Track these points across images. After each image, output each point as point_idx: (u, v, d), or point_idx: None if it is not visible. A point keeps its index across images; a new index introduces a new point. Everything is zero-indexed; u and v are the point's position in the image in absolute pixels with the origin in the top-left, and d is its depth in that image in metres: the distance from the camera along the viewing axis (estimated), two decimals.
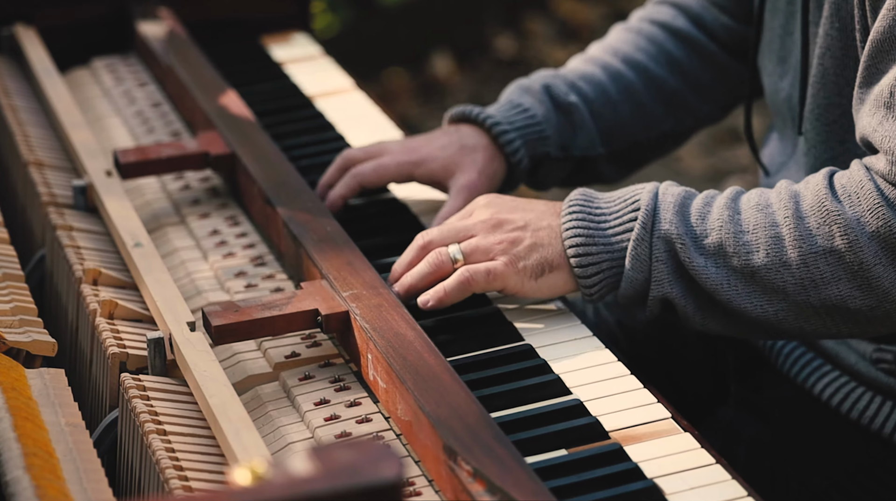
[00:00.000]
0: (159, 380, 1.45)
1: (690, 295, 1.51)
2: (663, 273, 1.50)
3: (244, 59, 2.24)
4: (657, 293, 1.51)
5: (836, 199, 1.46)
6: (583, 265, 1.52)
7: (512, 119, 1.78)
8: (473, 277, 1.52)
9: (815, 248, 1.45)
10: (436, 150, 1.75)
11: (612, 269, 1.52)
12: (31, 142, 1.93)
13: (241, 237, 1.77)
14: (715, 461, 1.33)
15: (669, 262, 1.50)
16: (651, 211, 1.51)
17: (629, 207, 1.52)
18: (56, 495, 1.22)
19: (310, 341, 1.54)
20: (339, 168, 1.78)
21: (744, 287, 1.48)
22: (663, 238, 1.50)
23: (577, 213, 1.53)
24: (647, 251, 1.50)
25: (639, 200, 1.52)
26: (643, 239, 1.50)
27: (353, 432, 1.40)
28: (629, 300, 1.54)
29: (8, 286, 1.58)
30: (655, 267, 1.50)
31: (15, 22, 2.25)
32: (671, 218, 1.50)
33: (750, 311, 1.49)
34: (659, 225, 1.50)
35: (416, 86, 4.68)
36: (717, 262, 1.49)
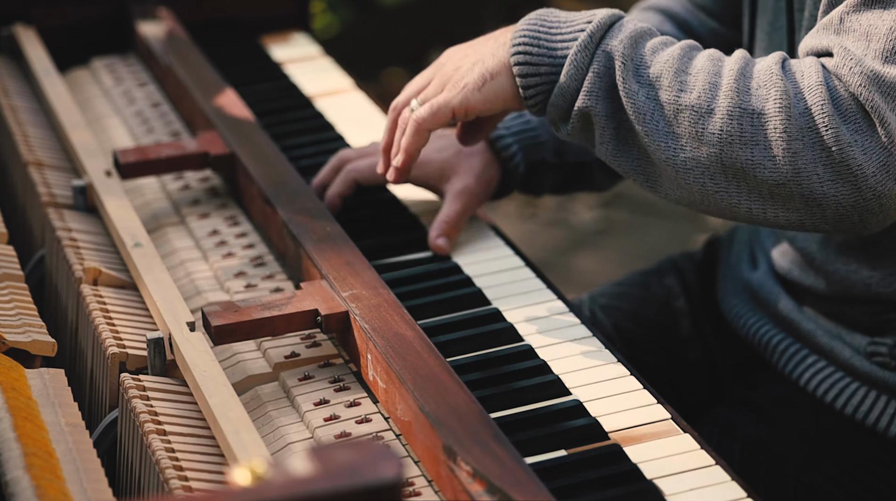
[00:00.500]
0: (159, 380, 1.45)
1: (612, 120, 1.50)
2: (595, 86, 1.49)
3: (244, 59, 2.24)
4: (583, 104, 1.49)
5: (783, 70, 1.45)
6: (524, 74, 1.52)
7: (508, 124, 1.78)
8: (420, 116, 1.57)
9: (746, 105, 1.44)
10: (432, 153, 1.75)
11: (550, 76, 1.52)
12: (30, 142, 1.93)
13: (241, 237, 1.77)
14: (714, 462, 1.33)
15: (605, 78, 1.49)
16: (604, 25, 1.50)
17: (584, 18, 1.52)
18: (56, 495, 1.22)
19: (309, 341, 1.54)
20: (334, 168, 1.78)
21: (664, 125, 1.47)
22: (607, 53, 1.49)
23: (531, 22, 1.54)
24: (587, 60, 1.50)
25: (595, 15, 1.52)
26: (587, 47, 1.50)
27: (353, 432, 1.40)
28: (557, 111, 1.52)
29: (8, 286, 1.58)
30: (589, 78, 1.49)
31: (14, 22, 2.24)
32: (623, 38, 1.49)
33: (662, 151, 1.48)
34: (607, 40, 1.50)
35: None
36: (648, 93, 1.48)
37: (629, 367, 1.48)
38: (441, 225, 1.70)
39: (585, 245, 3.84)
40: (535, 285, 1.64)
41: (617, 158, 1.51)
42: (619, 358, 1.49)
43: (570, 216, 3.96)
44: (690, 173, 1.47)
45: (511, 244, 1.73)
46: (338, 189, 1.75)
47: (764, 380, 1.76)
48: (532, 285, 1.64)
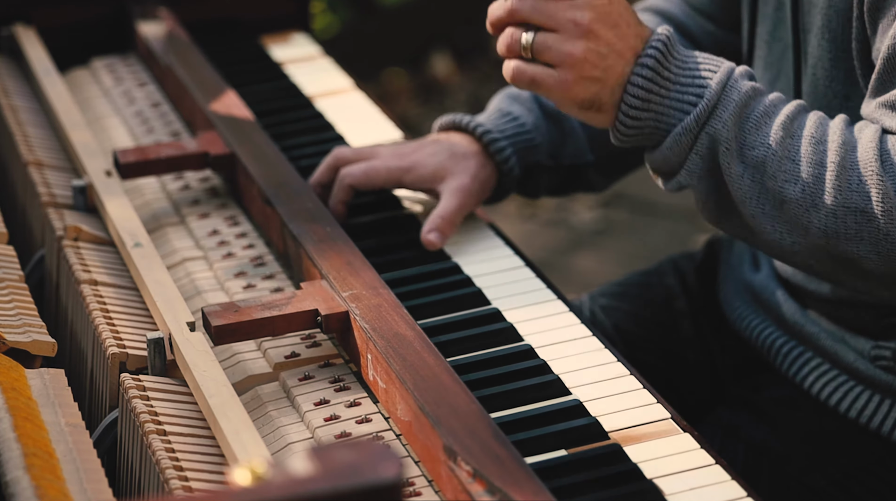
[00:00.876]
0: (159, 380, 1.45)
1: (715, 194, 1.51)
2: (697, 166, 1.50)
3: (244, 59, 2.24)
4: (684, 181, 1.51)
5: (883, 165, 1.45)
6: (628, 125, 1.51)
7: (502, 128, 1.78)
8: (520, 76, 1.52)
9: (850, 203, 1.45)
10: (426, 157, 1.75)
11: (651, 135, 1.52)
12: (30, 142, 1.93)
13: (241, 237, 1.77)
14: (714, 461, 1.33)
15: (707, 159, 1.49)
16: (711, 106, 1.48)
17: (695, 89, 1.50)
18: (56, 495, 1.22)
19: (309, 341, 1.54)
20: (330, 166, 1.78)
21: (770, 209, 1.48)
22: (712, 135, 1.48)
23: (649, 70, 1.49)
24: (690, 141, 1.49)
25: (706, 87, 1.49)
26: (691, 129, 1.49)
27: (353, 432, 1.40)
28: (655, 166, 1.53)
29: (7, 286, 1.58)
30: (692, 159, 1.50)
31: (14, 22, 2.24)
32: (727, 118, 1.48)
33: (768, 233, 1.49)
34: (713, 121, 1.48)
35: (416, 87, 4.68)
36: (753, 176, 1.47)
37: (629, 367, 1.48)
38: (435, 219, 1.70)
39: (585, 245, 3.84)
40: (534, 285, 1.64)
41: (720, 223, 1.54)
42: (618, 358, 1.49)
43: (569, 216, 3.96)
44: (797, 255, 1.50)
45: (511, 244, 1.73)
46: (339, 196, 1.75)
47: (766, 382, 1.76)
48: (532, 285, 1.64)
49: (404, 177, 1.75)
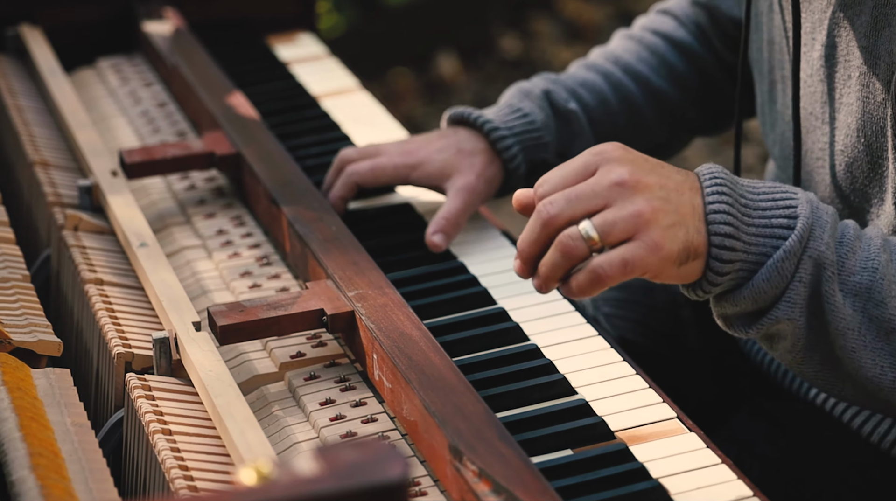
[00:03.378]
0: (164, 380, 1.45)
1: (808, 330, 1.34)
2: (800, 296, 1.32)
3: (249, 59, 2.24)
4: (783, 315, 1.32)
5: None
6: (723, 260, 1.30)
7: (511, 124, 1.77)
8: (608, 273, 1.27)
9: None
10: (433, 153, 1.75)
11: (740, 272, 1.32)
12: (36, 142, 1.93)
13: (247, 237, 1.77)
14: (721, 460, 1.33)
15: (811, 287, 1.32)
16: (810, 225, 1.32)
17: (782, 210, 1.33)
18: (61, 495, 1.22)
19: (315, 341, 1.54)
20: (336, 168, 1.78)
21: (873, 339, 1.34)
22: (816, 260, 1.32)
23: (724, 195, 1.31)
24: (791, 268, 1.31)
25: (795, 206, 1.32)
26: (794, 253, 1.31)
27: (359, 432, 1.40)
28: (741, 312, 1.34)
29: (13, 286, 1.58)
30: (794, 287, 1.31)
31: (20, 22, 2.25)
32: (828, 240, 1.32)
33: (867, 368, 1.35)
34: (815, 243, 1.32)
35: (422, 86, 4.68)
36: (855, 304, 1.33)
37: (635, 366, 1.48)
38: (439, 221, 1.70)
39: None
40: None
41: (803, 364, 1.38)
42: (624, 357, 1.49)
43: None
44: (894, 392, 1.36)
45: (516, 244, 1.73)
46: (339, 192, 1.75)
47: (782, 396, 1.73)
48: None
49: (411, 174, 1.74)
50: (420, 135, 1.81)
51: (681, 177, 1.32)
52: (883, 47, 1.47)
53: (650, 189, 1.29)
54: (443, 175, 1.74)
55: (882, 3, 1.46)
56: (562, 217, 1.28)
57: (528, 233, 1.30)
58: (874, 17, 1.47)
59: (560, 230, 1.28)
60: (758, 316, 1.34)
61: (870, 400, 1.39)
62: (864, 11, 1.49)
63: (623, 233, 1.27)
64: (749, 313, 1.34)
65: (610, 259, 1.27)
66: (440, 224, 1.70)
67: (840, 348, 1.34)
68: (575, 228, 1.28)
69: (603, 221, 1.27)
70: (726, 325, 1.36)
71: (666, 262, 1.28)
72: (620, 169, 1.30)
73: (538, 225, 1.29)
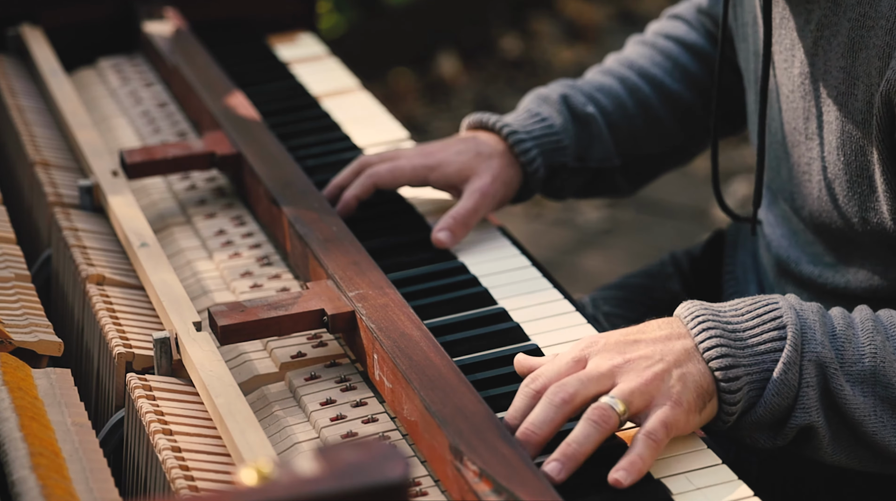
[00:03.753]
0: (165, 380, 1.45)
1: (829, 425, 1.38)
2: (812, 399, 1.36)
3: (250, 59, 2.24)
4: (802, 421, 1.36)
5: None
6: (731, 390, 1.35)
7: (529, 128, 1.78)
8: (660, 437, 1.31)
9: None
10: (451, 156, 1.75)
11: (749, 393, 1.36)
12: (37, 142, 1.93)
13: (247, 237, 1.77)
14: (721, 461, 1.33)
15: (818, 388, 1.36)
16: (800, 330, 1.36)
17: (769, 324, 1.37)
18: (62, 495, 1.22)
19: (316, 341, 1.54)
20: (355, 171, 1.78)
21: (889, 418, 1.37)
22: (815, 362, 1.36)
23: (711, 330, 1.36)
24: (796, 376, 1.35)
25: (780, 316, 1.37)
26: (793, 362, 1.35)
27: (359, 432, 1.40)
28: (760, 427, 1.38)
29: (14, 286, 1.58)
30: (805, 392, 1.35)
31: (21, 22, 2.25)
32: (821, 339, 1.36)
33: (893, 445, 1.38)
34: (810, 346, 1.36)
35: (422, 87, 4.68)
36: (864, 390, 1.37)
37: None
38: (447, 219, 1.71)
39: (592, 244, 3.84)
40: (541, 285, 1.64)
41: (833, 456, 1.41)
42: None
43: (576, 215, 3.96)
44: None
45: (517, 243, 1.73)
46: (355, 191, 1.75)
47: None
48: (538, 285, 1.64)
49: (429, 175, 1.75)
50: (439, 140, 1.81)
51: (664, 330, 1.38)
52: (861, 68, 1.48)
53: (644, 358, 1.35)
54: (460, 177, 1.74)
55: (857, 25, 1.47)
56: (579, 396, 1.33)
57: (541, 416, 1.32)
58: (850, 39, 1.49)
59: (576, 410, 1.33)
60: (779, 427, 1.38)
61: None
62: (840, 32, 1.50)
63: (642, 402, 1.33)
64: (769, 426, 1.38)
65: (654, 424, 1.31)
66: (447, 222, 1.70)
67: (863, 434, 1.38)
68: (603, 402, 1.32)
69: (622, 393, 1.32)
70: (753, 442, 1.39)
71: (690, 414, 1.33)
72: (610, 355, 1.36)
73: (552, 407, 1.32)
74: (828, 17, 1.52)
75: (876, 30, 1.46)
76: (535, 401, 1.33)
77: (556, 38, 4.99)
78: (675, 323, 1.39)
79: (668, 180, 1.79)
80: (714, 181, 1.75)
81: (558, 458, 1.29)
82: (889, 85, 1.44)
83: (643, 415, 1.33)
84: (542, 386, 1.34)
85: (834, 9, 1.51)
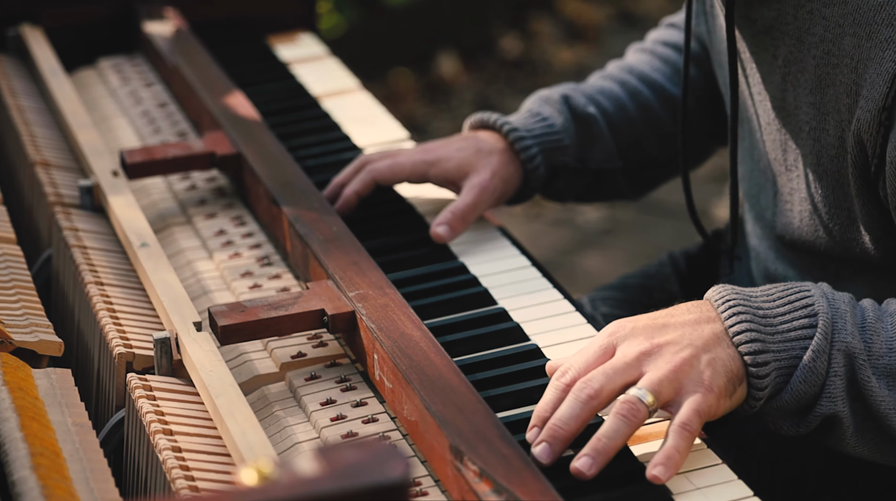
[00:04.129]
0: (165, 380, 1.45)
1: (854, 417, 1.37)
2: (839, 389, 1.35)
3: (250, 59, 2.24)
4: (827, 410, 1.35)
5: None
6: (760, 375, 1.34)
7: (530, 127, 1.79)
8: (693, 427, 1.31)
9: None
10: (451, 152, 1.76)
11: (777, 379, 1.35)
12: (37, 142, 1.93)
13: (248, 237, 1.77)
14: (721, 461, 1.33)
15: (846, 378, 1.35)
16: (831, 319, 1.36)
17: (800, 311, 1.37)
18: (62, 495, 1.22)
19: (316, 341, 1.54)
20: (355, 169, 1.79)
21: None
22: (845, 351, 1.35)
23: (741, 314, 1.36)
24: (825, 364, 1.35)
25: (812, 304, 1.37)
26: (823, 350, 1.34)
27: (360, 432, 1.40)
28: (785, 414, 1.37)
29: (15, 286, 1.58)
30: (832, 382, 1.35)
31: (21, 22, 2.25)
32: (851, 329, 1.36)
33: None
34: (840, 336, 1.35)
35: (422, 87, 4.68)
36: (889, 384, 1.36)
37: None
38: (446, 214, 1.71)
39: (591, 244, 3.84)
40: (541, 285, 1.64)
41: (855, 448, 1.41)
42: None
43: (576, 216, 3.96)
44: None
45: (517, 244, 1.73)
46: (356, 187, 1.76)
47: None
48: (538, 285, 1.64)
49: (429, 170, 1.75)
50: (440, 139, 1.82)
51: (693, 314, 1.37)
52: (830, 104, 1.48)
53: (672, 344, 1.34)
54: (460, 173, 1.75)
55: (823, 62, 1.48)
56: (605, 390, 1.32)
57: (568, 412, 1.31)
58: (817, 76, 1.50)
59: (604, 404, 1.32)
60: (804, 415, 1.37)
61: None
62: (806, 69, 1.51)
63: (671, 390, 1.32)
64: (794, 413, 1.37)
65: (687, 414, 1.31)
66: (446, 217, 1.71)
67: (887, 427, 1.37)
68: (631, 395, 1.31)
69: (650, 383, 1.31)
70: (776, 428, 1.39)
71: (721, 399, 1.33)
72: (638, 341, 1.35)
73: (578, 403, 1.31)
74: (793, 53, 1.52)
75: (841, 67, 1.46)
76: (564, 395, 1.33)
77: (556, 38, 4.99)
78: (704, 306, 1.38)
79: None
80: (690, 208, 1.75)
81: (589, 453, 1.29)
82: (860, 124, 1.44)
83: (674, 404, 1.32)
84: (572, 379, 1.34)
85: (798, 45, 1.51)
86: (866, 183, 1.49)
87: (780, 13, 1.52)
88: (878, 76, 1.41)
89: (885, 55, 1.41)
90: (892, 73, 1.40)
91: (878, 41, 1.41)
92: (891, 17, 1.41)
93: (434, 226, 1.71)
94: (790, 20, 1.51)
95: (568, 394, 1.32)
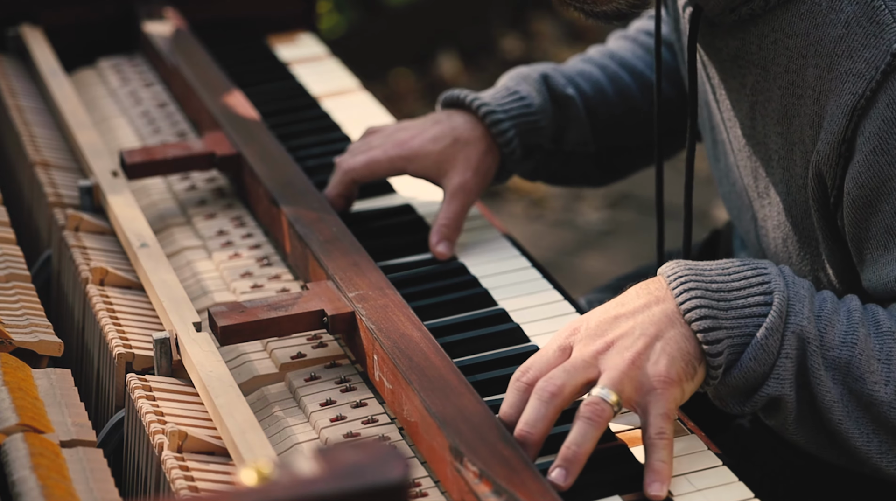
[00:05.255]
0: (165, 381, 1.45)
1: (799, 403, 1.36)
2: (788, 371, 1.33)
3: (250, 59, 2.24)
4: (773, 391, 1.34)
5: None
6: (712, 354, 1.32)
7: (507, 107, 1.76)
8: (667, 431, 1.30)
9: None
10: (428, 144, 1.73)
11: (729, 356, 1.33)
12: (37, 142, 1.93)
13: (247, 237, 1.77)
14: (721, 462, 1.33)
15: (797, 362, 1.33)
16: (787, 299, 1.33)
17: (756, 288, 1.34)
18: (62, 495, 1.22)
19: (316, 342, 1.54)
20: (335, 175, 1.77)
21: (855, 410, 1.35)
22: (799, 334, 1.33)
23: (692, 291, 1.34)
24: (777, 344, 1.32)
25: (769, 282, 1.35)
26: (776, 328, 1.32)
27: (360, 433, 1.40)
28: (733, 391, 1.35)
29: (14, 286, 1.58)
30: (782, 363, 1.33)
31: (21, 22, 2.25)
32: (808, 314, 1.34)
33: (854, 438, 1.35)
34: (796, 318, 1.33)
35: (423, 87, 4.68)
36: (835, 377, 1.34)
37: None
38: (440, 228, 1.70)
39: (592, 245, 3.84)
40: (541, 286, 1.64)
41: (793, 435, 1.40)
42: None
43: (576, 216, 3.96)
44: (883, 458, 1.38)
45: (517, 245, 1.73)
46: (335, 190, 1.74)
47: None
48: (539, 286, 1.64)
49: (407, 166, 1.74)
50: (414, 120, 1.79)
51: (642, 298, 1.35)
52: (796, 135, 1.48)
53: (625, 336, 1.33)
54: (439, 169, 1.73)
55: (788, 93, 1.47)
56: (567, 387, 1.31)
57: (534, 414, 1.30)
58: (783, 106, 1.48)
59: (567, 402, 1.31)
60: (750, 394, 1.36)
61: (861, 466, 1.40)
62: (772, 99, 1.50)
63: (632, 386, 1.31)
64: (741, 391, 1.36)
65: (656, 423, 1.30)
66: (442, 232, 1.69)
67: (828, 420, 1.35)
68: (594, 396, 1.30)
69: (610, 381, 1.30)
70: (722, 405, 1.38)
71: (684, 384, 1.32)
72: (591, 339, 1.34)
73: (542, 403, 1.30)
74: (759, 82, 1.51)
75: (805, 98, 1.45)
76: (526, 395, 1.33)
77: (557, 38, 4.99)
78: (655, 285, 1.37)
79: (668, 181, 1.78)
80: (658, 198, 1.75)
81: (561, 464, 1.28)
82: (818, 156, 1.43)
83: (639, 406, 1.31)
84: (532, 378, 1.33)
85: (764, 75, 1.50)
86: (824, 216, 1.48)
87: (745, 42, 1.50)
88: (838, 108, 1.40)
89: (844, 87, 1.39)
90: (850, 106, 1.38)
91: (838, 73, 1.40)
92: (850, 50, 1.39)
93: (434, 245, 1.69)
94: (755, 50, 1.50)
95: (530, 397, 1.32)
